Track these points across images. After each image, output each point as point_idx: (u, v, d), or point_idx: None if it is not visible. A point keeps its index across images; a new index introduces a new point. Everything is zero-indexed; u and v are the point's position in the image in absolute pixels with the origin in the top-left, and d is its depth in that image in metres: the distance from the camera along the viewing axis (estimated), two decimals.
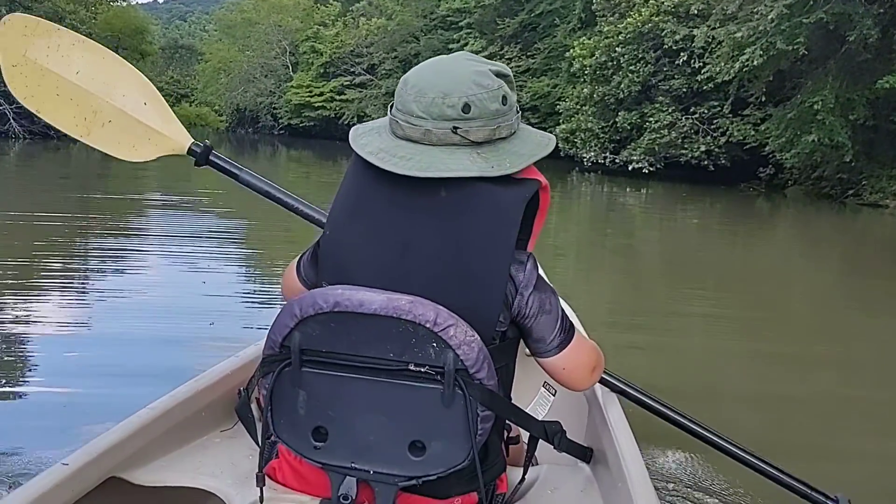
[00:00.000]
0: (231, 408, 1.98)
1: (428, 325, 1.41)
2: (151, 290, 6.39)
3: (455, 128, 1.49)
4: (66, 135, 2.27)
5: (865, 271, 10.20)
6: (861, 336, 6.06)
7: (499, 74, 1.55)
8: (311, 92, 52.90)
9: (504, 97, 1.53)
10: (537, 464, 1.94)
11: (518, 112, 1.60)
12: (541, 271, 1.62)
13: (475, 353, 1.43)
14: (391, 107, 1.57)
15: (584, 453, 1.95)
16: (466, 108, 1.48)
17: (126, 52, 43.95)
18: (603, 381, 2.15)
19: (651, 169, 26.21)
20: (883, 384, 4.77)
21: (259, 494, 1.58)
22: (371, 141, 1.57)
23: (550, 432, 1.72)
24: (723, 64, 21.17)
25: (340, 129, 49.21)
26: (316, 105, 52.31)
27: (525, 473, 1.78)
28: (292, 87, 54.67)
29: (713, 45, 22.27)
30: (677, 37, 24.31)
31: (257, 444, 1.66)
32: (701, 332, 5.96)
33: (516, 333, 1.61)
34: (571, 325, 1.66)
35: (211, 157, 2.26)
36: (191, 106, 66.76)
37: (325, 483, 1.55)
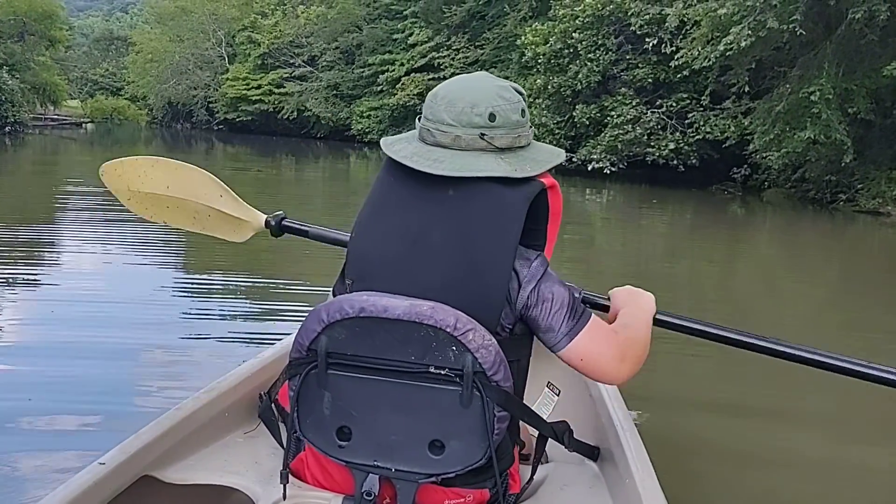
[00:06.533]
0: (252, 409, 2.16)
1: (448, 330, 1.54)
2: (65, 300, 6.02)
3: (482, 134, 1.68)
4: None
5: (866, 293, 8.87)
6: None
7: (517, 90, 1.76)
8: (247, 84, 50.41)
9: (523, 110, 1.75)
10: (547, 461, 2.05)
11: (531, 126, 1.80)
12: (552, 273, 1.74)
13: (492, 357, 1.56)
14: (419, 118, 1.78)
15: (592, 452, 2.05)
16: (492, 116, 1.68)
17: (34, 38, 40.94)
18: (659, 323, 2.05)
19: (613, 169, 23.62)
20: (882, 438, 4.11)
21: (283, 491, 1.70)
22: (403, 147, 1.75)
23: (559, 432, 1.87)
24: (700, 48, 18.41)
25: (280, 124, 48.45)
26: (253, 98, 49.99)
27: (534, 471, 1.90)
28: (228, 79, 52.14)
29: (688, 27, 19.53)
30: (646, 17, 21.60)
31: (280, 444, 1.93)
32: (672, 371, 5.02)
33: (526, 330, 1.71)
34: (585, 312, 1.72)
35: (284, 224, 2.53)
36: (107, 99, 63.22)
37: (349, 481, 1.67)
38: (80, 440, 3.51)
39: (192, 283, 7.29)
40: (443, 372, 1.55)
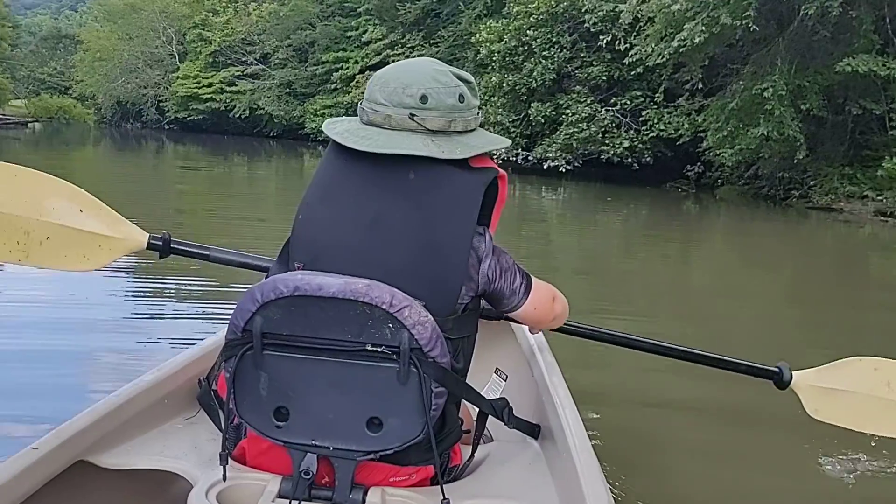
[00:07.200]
0: (192, 396, 2.13)
1: (384, 307, 1.53)
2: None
3: (412, 115, 1.70)
4: None
5: (819, 288, 8.92)
6: (810, 364, 4.84)
7: (459, 77, 1.79)
8: (198, 83, 49.76)
9: (461, 95, 1.76)
10: (492, 440, 2.09)
11: (478, 115, 1.82)
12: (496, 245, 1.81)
13: (429, 333, 1.56)
14: (361, 101, 1.79)
15: (533, 430, 2.07)
16: (424, 98, 1.71)
17: None
18: (562, 329, 2.30)
19: (568, 167, 23.54)
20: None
21: (223, 473, 1.66)
22: (340, 125, 1.78)
23: (499, 408, 1.88)
24: (654, 45, 18.34)
25: (232, 123, 47.92)
26: (204, 97, 49.33)
27: (475, 449, 1.92)
28: (179, 77, 51.31)
29: (642, 24, 19.47)
30: (599, 13, 21.54)
31: (220, 429, 1.85)
32: (629, 364, 4.79)
33: (477, 306, 1.79)
34: (526, 271, 1.87)
35: (173, 246, 2.35)
36: (52, 98, 61.91)
37: (289, 461, 1.64)
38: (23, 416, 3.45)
39: (146, 262, 7.17)
40: (379, 349, 1.56)
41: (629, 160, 23.07)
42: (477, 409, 1.91)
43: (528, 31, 23.95)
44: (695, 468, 3.44)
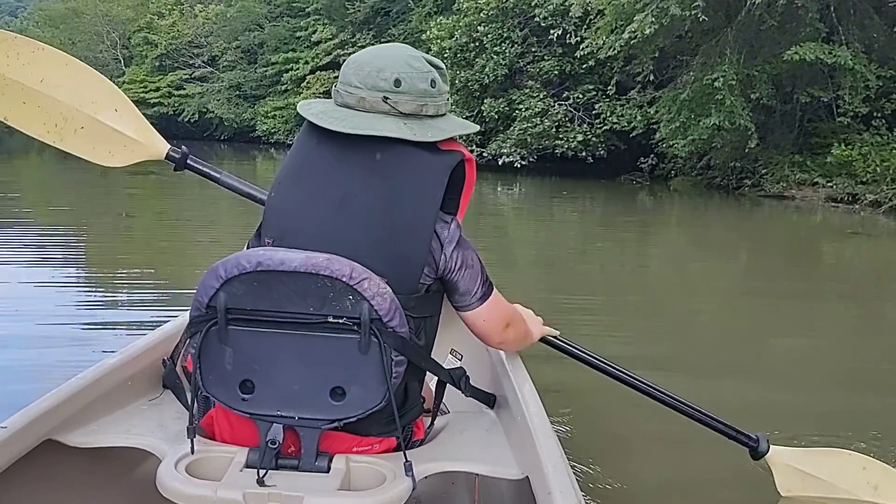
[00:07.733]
0: (156, 377, 2.20)
1: (344, 279, 1.59)
2: None
3: (385, 98, 1.75)
4: None
5: (771, 270, 9.21)
6: (768, 343, 5.56)
7: (431, 63, 1.84)
8: (145, 87, 48.74)
9: (433, 81, 1.81)
10: (448, 412, 2.19)
11: (448, 100, 1.87)
12: (466, 239, 1.85)
13: (388, 304, 1.62)
14: (336, 84, 1.84)
15: (489, 399, 2.17)
16: (397, 82, 1.76)
17: None
18: (546, 342, 2.42)
19: (523, 163, 23.56)
20: (792, 389, 4.34)
21: (191, 445, 1.67)
22: (315, 106, 1.82)
23: (456, 377, 1.97)
24: (605, 37, 18.39)
25: (182, 127, 47.03)
26: (152, 101, 48.15)
27: (434, 418, 2.01)
28: (125, 82, 50.05)
29: (592, 17, 19.52)
30: (549, 7, 21.54)
31: (186, 407, 1.91)
32: (584, 331, 5.04)
33: (440, 288, 1.83)
34: (491, 282, 1.91)
35: (189, 162, 2.42)
36: None
37: (256, 433, 1.68)
38: None
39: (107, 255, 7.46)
40: (341, 321, 1.60)
41: (583, 154, 23.10)
42: (436, 385, 2.00)
43: (478, 27, 23.84)
44: (649, 427, 3.46)
